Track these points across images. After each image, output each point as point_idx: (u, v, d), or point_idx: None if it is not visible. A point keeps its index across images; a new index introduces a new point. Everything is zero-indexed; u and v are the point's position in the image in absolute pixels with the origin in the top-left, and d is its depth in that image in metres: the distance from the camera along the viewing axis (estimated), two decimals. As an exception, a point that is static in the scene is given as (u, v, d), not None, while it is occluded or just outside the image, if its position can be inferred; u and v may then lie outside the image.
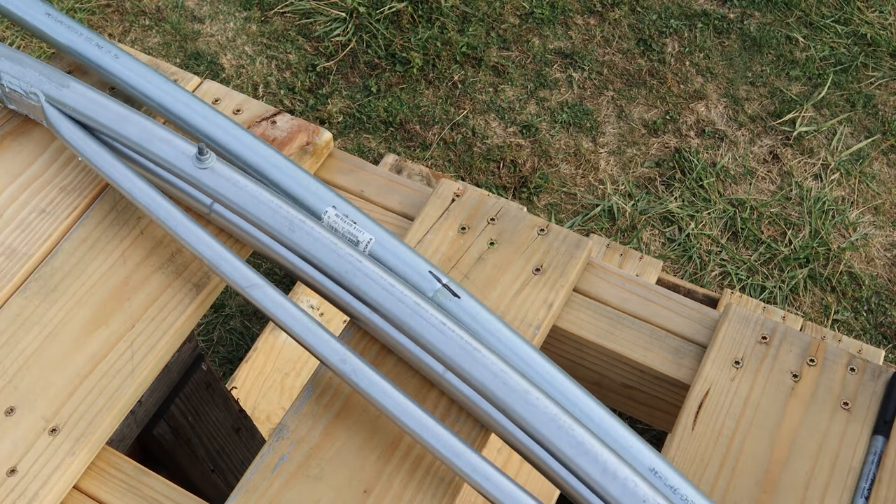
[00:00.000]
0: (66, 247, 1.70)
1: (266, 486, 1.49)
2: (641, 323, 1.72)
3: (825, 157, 3.97)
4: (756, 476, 1.54)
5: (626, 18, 4.33)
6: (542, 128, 4.00)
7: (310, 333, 1.54)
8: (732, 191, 3.87)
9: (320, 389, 1.59)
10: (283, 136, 1.85)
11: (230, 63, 4.10)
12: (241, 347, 3.43)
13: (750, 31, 4.31)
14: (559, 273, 1.71)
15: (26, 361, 1.57)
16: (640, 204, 3.82)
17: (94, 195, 1.76)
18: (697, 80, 4.16)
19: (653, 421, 1.80)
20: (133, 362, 1.58)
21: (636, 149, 3.97)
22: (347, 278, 1.56)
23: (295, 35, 4.19)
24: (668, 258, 3.71)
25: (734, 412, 1.60)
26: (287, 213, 1.59)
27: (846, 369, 1.64)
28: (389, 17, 4.23)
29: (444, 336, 1.50)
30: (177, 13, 4.21)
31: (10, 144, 1.82)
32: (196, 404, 2.07)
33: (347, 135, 3.92)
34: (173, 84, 1.79)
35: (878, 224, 3.83)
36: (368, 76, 4.09)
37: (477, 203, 1.79)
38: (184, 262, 1.68)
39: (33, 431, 1.51)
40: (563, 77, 4.16)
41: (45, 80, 1.75)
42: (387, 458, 1.53)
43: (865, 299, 3.65)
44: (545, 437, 1.44)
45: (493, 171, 3.87)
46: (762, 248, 3.74)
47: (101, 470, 1.54)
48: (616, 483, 1.41)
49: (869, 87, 4.18)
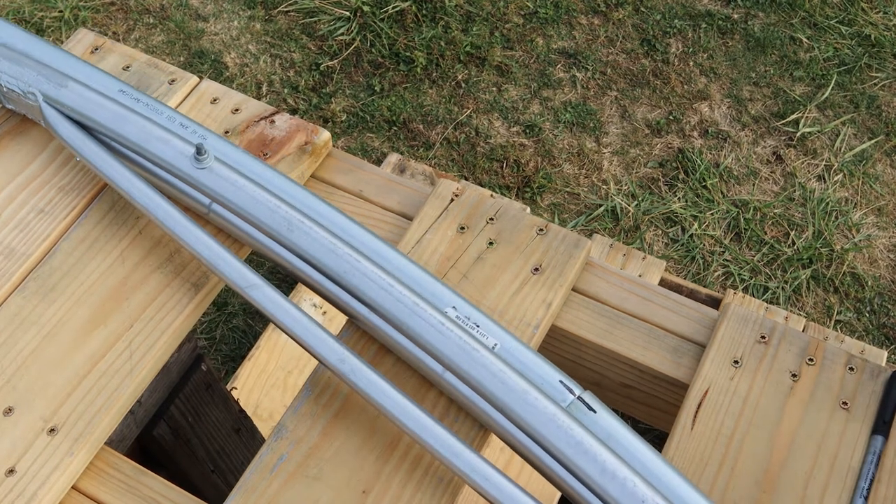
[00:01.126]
0: (64, 246, 1.70)
1: (265, 486, 1.49)
2: (640, 322, 1.72)
3: (829, 158, 3.96)
4: (755, 475, 1.54)
5: (629, 18, 4.33)
6: (546, 127, 3.99)
7: (308, 333, 1.53)
8: (736, 191, 3.87)
9: (319, 389, 1.58)
10: (281, 135, 1.85)
11: (234, 62, 4.10)
12: (243, 345, 3.43)
13: (754, 32, 4.30)
14: (558, 273, 1.71)
15: (25, 361, 1.57)
16: (644, 204, 3.81)
17: (93, 195, 1.76)
18: (701, 81, 4.16)
19: (652, 420, 1.79)
20: (132, 362, 1.58)
21: (639, 149, 3.97)
22: (346, 278, 1.56)
23: (299, 34, 4.20)
24: (671, 258, 3.71)
25: (733, 412, 1.59)
26: (285, 213, 1.59)
27: (845, 369, 1.64)
28: (393, 16, 4.23)
29: (443, 336, 1.50)
30: (181, 11, 4.21)
31: (9, 144, 1.82)
32: (196, 405, 2.07)
33: (351, 134, 3.93)
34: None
35: (882, 225, 3.83)
36: (372, 75, 4.09)
37: (476, 203, 1.79)
38: (182, 261, 1.68)
39: (32, 431, 1.51)
40: (566, 77, 4.15)
41: (44, 79, 1.75)
42: (385, 457, 1.52)
43: (868, 300, 3.64)
44: (543, 437, 1.44)
45: (496, 170, 3.87)
46: (765, 249, 3.73)
47: (99, 470, 1.54)
48: (615, 483, 1.40)
49: (873, 88, 4.17)
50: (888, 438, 1.56)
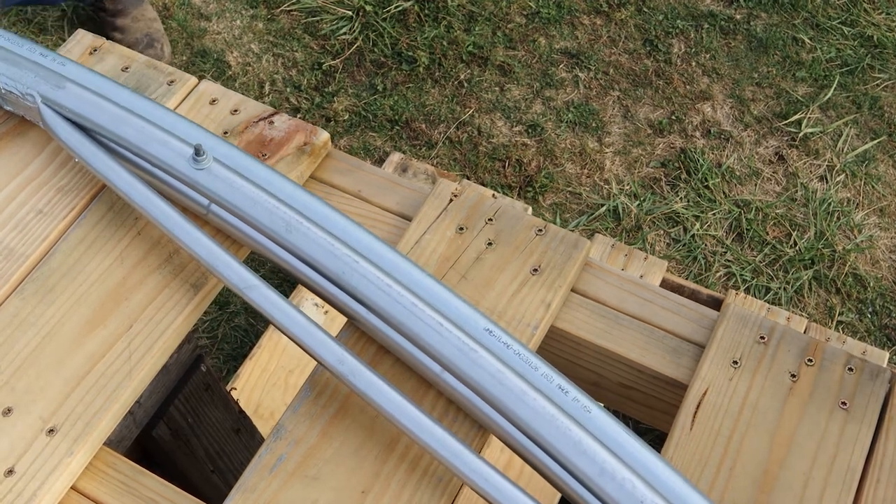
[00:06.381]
0: (63, 247, 1.70)
1: (264, 487, 1.49)
2: (639, 323, 1.71)
3: (831, 159, 3.96)
4: (754, 476, 1.54)
5: (632, 19, 4.32)
6: (548, 127, 3.99)
7: (307, 334, 1.54)
8: (738, 191, 3.87)
9: (318, 390, 1.59)
10: (280, 136, 1.85)
11: (236, 61, 4.10)
12: (245, 344, 3.43)
13: (756, 32, 4.30)
14: (557, 273, 1.71)
15: (24, 362, 1.57)
16: (646, 204, 3.81)
17: (92, 196, 1.76)
18: (703, 81, 4.16)
19: (651, 421, 1.79)
20: (131, 363, 1.58)
21: (642, 149, 3.97)
22: (344, 279, 1.56)
23: (301, 33, 4.20)
24: (672, 259, 3.70)
25: (732, 412, 1.59)
26: (284, 213, 1.59)
27: (844, 369, 1.64)
28: (396, 15, 4.23)
29: (441, 336, 1.50)
30: (183, 10, 4.22)
31: (7, 146, 1.82)
32: (195, 405, 2.07)
33: (353, 133, 3.93)
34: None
35: (884, 226, 3.82)
36: (375, 74, 4.09)
37: (475, 203, 1.79)
38: (181, 262, 1.68)
39: (31, 432, 1.51)
40: (569, 77, 4.15)
41: (42, 81, 1.75)
42: (384, 458, 1.52)
43: (870, 301, 3.64)
44: (542, 438, 1.44)
45: (498, 170, 3.87)
46: (767, 249, 3.73)
47: (98, 470, 1.54)
48: (614, 483, 1.40)
49: (875, 89, 4.17)
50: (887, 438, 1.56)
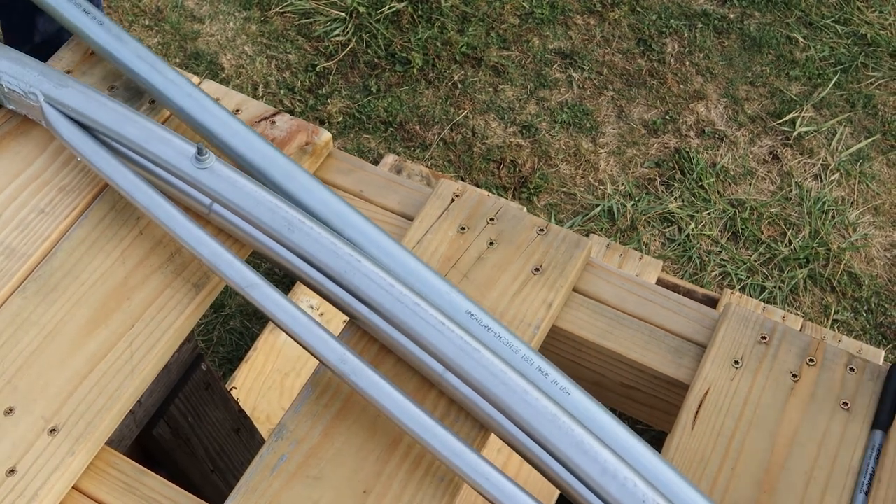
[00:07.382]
0: (65, 247, 1.70)
1: (266, 487, 1.49)
2: (641, 323, 1.72)
3: (825, 158, 3.97)
4: (756, 475, 1.54)
5: (626, 18, 4.33)
6: (542, 128, 3.99)
7: (309, 333, 1.54)
8: (732, 191, 3.87)
9: (320, 389, 1.59)
10: (282, 135, 1.85)
11: (230, 63, 4.10)
12: (240, 347, 3.42)
13: (750, 32, 4.31)
14: (558, 273, 1.71)
15: (25, 361, 1.57)
16: (640, 204, 3.81)
17: (94, 195, 1.76)
18: (697, 80, 4.16)
19: (652, 421, 1.79)
20: (132, 362, 1.58)
21: (636, 149, 3.97)
22: (346, 278, 1.56)
23: (295, 35, 4.19)
24: (667, 258, 3.71)
25: (734, 412, 1.60)
26: (286, 213, 1.59)
27: (845, 369, 1.64)
28: (389, 17, 4.23)
29: (443, 336, 1.50)
30: (176, 13, 4.21)
31: (10, 144, 1.81)
32: (196, 405, 2.07)
33: (347, 135, 3.92)
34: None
35: (878, 224, 3.83)
36: (368, 76, 4.08)
37: (476, 203, 1.79)
38: (183, 262, 1.68)
39: (33, 431, 1.51)
40: (562, 77, 4.15)
41: (44, 79, 1.75)
42: (386, 458, 1.52)
43: (865, 299, 3.65)
44: (544, 437, 1.44)
45: (492, 171, 3.87)
46: (762, 249, 3.73)
47: (100, 470, 1.54)
48: (615, 483, 1.41)
49: (869, 88, 4.18)
50: (888, 435, 1.57)
